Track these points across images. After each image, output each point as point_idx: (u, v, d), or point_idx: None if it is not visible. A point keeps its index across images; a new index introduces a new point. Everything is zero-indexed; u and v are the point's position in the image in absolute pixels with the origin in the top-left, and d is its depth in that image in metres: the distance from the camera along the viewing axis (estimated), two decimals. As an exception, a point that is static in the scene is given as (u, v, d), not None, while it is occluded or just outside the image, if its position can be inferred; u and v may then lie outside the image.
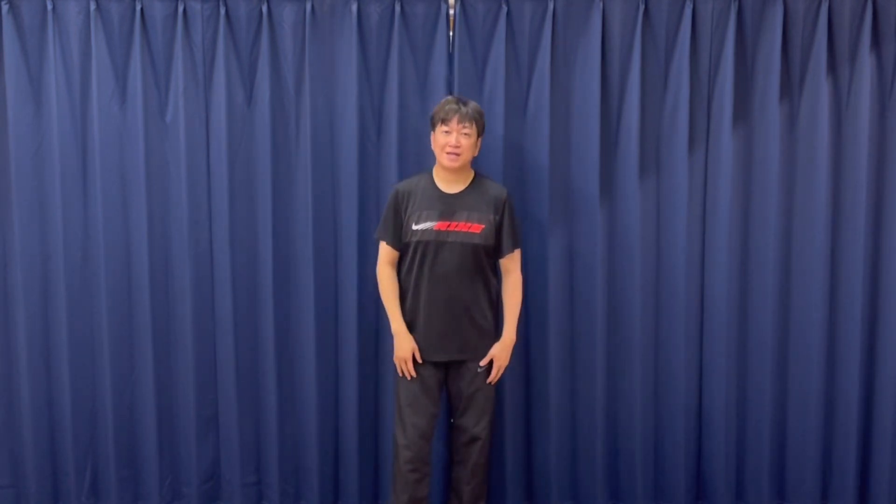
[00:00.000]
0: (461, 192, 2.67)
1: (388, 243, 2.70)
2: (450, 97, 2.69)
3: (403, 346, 2.67)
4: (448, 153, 2.60)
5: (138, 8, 2.83)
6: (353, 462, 3.01)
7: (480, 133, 2.67)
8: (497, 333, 2.74)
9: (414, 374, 2.66)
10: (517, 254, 2.73)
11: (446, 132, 2.60)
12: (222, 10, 2.84)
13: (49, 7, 2.83)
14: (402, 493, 2.70)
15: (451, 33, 2.88)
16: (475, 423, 2.72)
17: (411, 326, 2.68)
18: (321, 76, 2.89)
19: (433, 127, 2.65)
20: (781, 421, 3.03)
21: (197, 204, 2.93)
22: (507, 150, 2.91)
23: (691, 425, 3.03)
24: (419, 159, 2.90)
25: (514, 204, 2.75)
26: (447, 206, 2.64)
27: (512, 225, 2.70)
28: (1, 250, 2.96)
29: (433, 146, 2.67)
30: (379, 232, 2.73)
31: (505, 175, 2.90)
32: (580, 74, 2.90)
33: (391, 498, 2.77)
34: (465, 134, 2.60)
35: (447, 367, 2.72)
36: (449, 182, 2.68)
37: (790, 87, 2.91)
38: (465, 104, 2.62)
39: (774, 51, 2.86)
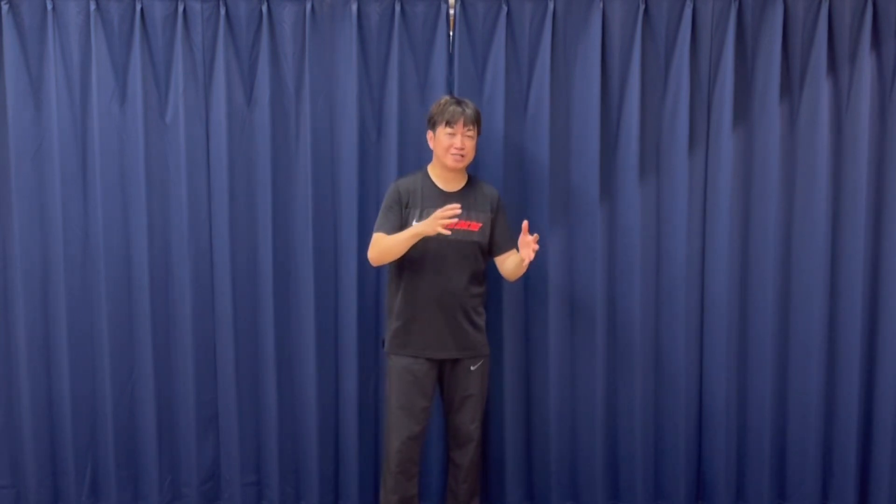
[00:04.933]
0: (460, 191, 2.70)
1: (384, 233, 2.63)
2: (448, 97, 2.68)
3: (428, 222, 2.52)
4: (453, 154, 2.62)
5: (138, 8, 2.83)
6: (353, 462, 3.01)
7: (479, 133, 2.70)
8: (488, 331, 2.77)
9: (458, 210, 2.50)
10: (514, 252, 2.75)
11: (451, 134, 2.61)
12: (222, 10, 2.84)
13: (49, 7, 2.83)
14: (392, 493, 2.72)
15: (451, 33, 2.88)
16: (469, 422, 2.74)
17: (408, 324, 2.67)
18: (321, 76, 2.89)
19: (433, 127, 2.66)
20: (781, 421, 3.03)
21: (197, 204, 2.93)
22: (507, 150, 2.91)
23: (691, 425, 3.03)
24: (419, 159, 2.89)
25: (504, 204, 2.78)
26: (448, 204, 2.63)
27: (507, 224, 2.75)
28: (1, 250, 2.96)
29: (433, 145, 2.68)
30: (378, 225, 2.67)
31: (505, 175, 2.90)
32: (580, 74, 2.90)
33: (381, 497, 2.78)
34: (469, 136, 2.63)
35: (441, 366, 2.73)
36: (448, 181, 2.70)
37: (790, 87, 2.91)
38: (466, 106, 2.64)
39: (774, 51, 2.86)
